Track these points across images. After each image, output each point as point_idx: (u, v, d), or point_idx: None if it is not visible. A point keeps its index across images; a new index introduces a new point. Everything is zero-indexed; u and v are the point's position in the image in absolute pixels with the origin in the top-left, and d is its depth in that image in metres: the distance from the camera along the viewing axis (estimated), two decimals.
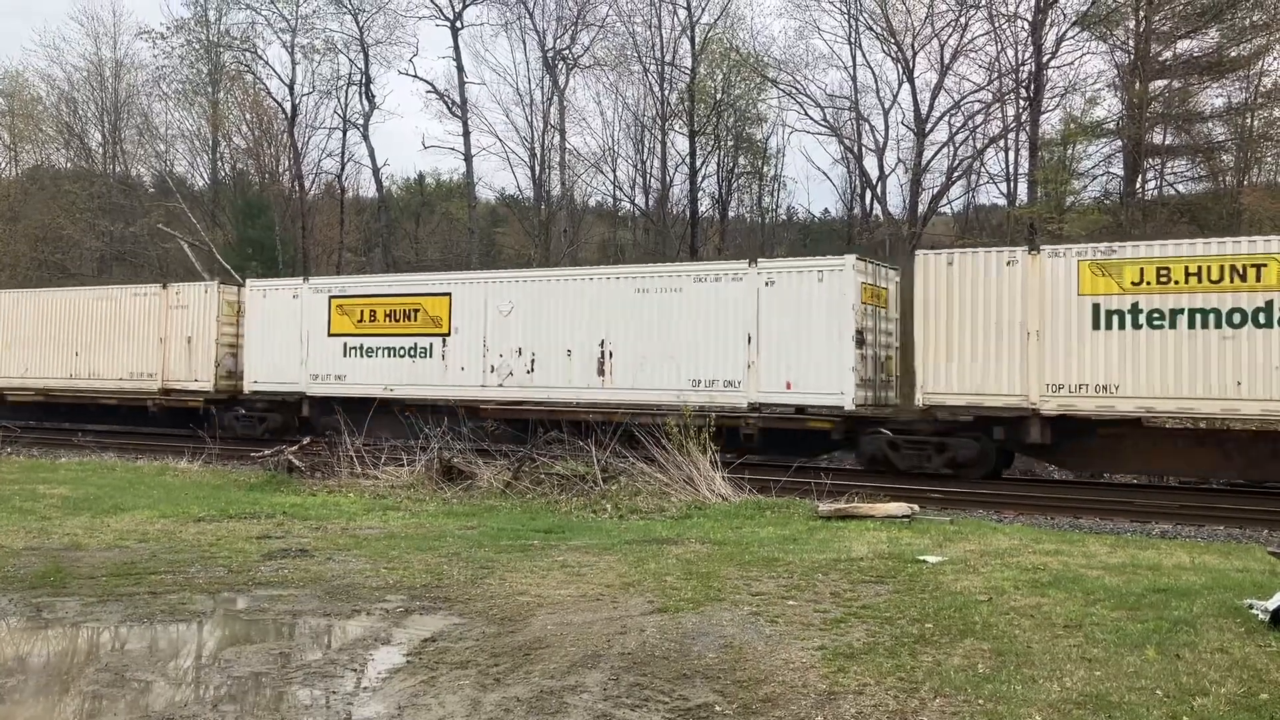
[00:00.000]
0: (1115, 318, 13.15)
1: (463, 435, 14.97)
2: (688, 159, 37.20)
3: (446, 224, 47.33)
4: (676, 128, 38.06)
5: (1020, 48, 31.76)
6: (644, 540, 9.24)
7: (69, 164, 44.03)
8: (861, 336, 14.71)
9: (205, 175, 44.34)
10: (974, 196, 36.77)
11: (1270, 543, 10.16)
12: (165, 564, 8.10)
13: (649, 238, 39.62)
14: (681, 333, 15.73)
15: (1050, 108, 31.57)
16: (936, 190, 34.37)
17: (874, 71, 44.53)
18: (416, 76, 56.11)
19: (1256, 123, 29.50)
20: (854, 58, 35.39)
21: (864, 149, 35.89)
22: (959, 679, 5.02)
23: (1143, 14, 28.73)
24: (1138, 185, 29.66)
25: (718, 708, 4.71)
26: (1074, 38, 30.64)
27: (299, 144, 41.13)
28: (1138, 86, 28.41)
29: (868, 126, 35.78)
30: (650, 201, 40.14)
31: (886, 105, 35.46)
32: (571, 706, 4.73)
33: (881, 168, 35.50)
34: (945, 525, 10.21)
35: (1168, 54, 29.20)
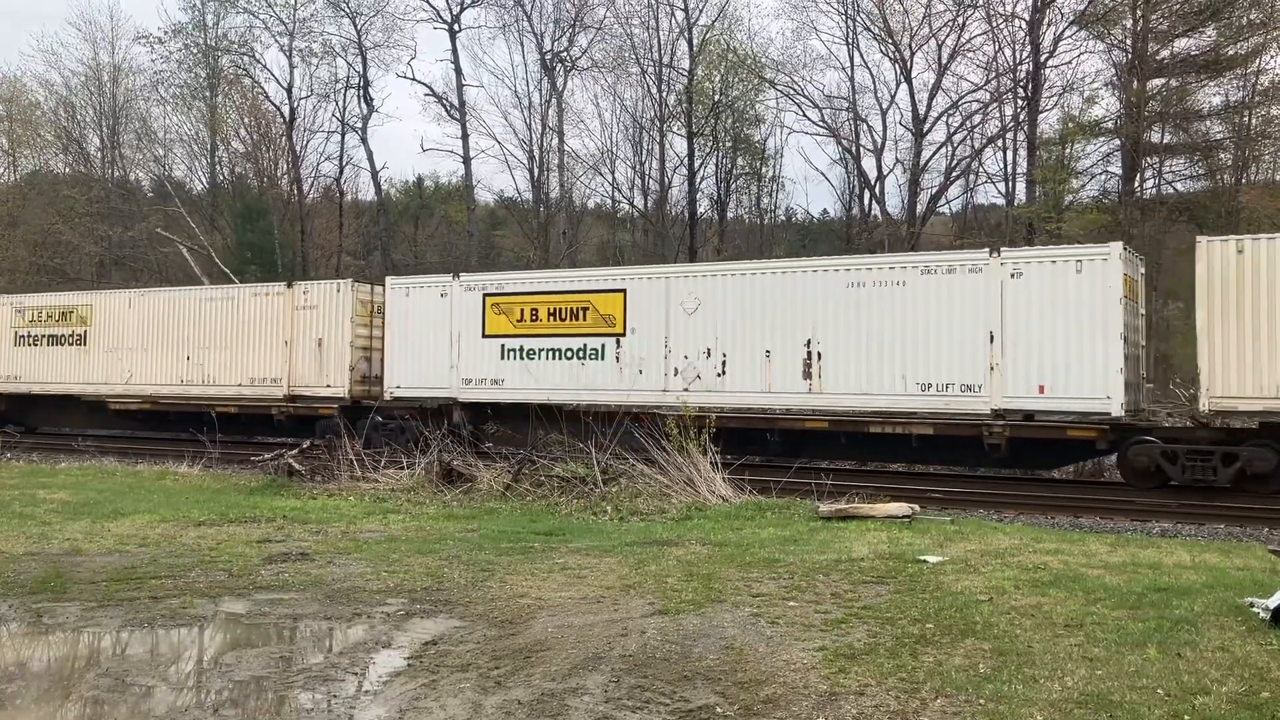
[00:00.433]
0: None
1: (636, 445, 13.61)
2: (686, 160, 37.24)
3: (445, 227, 47.35)
4: (675, 129, 38.13)
5: (1018, 47, 31.84)
6: (644, 542, 9.24)
7: (67, 169, 44.04)
8: (1124, 334, 13.38)
9: (204, 179, 44.42)
10: (972, 196, 36.83)
11: (1271, 541, 10.16)
12: (165, 568, 8.10)
13: (648, 239, 39.65)
14: (905, 331, 14.19)
15: (1048, 107, 31.64)
16: (935, 190, 34.44)
17: (872, 72, 44.89)
18: (415, 79, 55.97)
19: (1254, 121, 29.54)
20: (852, 58, 35.46)
21: (862, 149, 35.93)
22: (960, 679, 5.02)
23: (1140, 13, 28.76)
24: (1136, 184, 29.68)
25: (719, 709, 4.71)
26: (1071, 37, 30.74)
27: (297, 147, 41.18)
28: (1135, 85, 28.45)
29: (866, 127, 35.84)
30: (649, 203, 40.19)
31: (884, 105, 35.54)
32: (573, 709, 4.73)
33: (880, 168, 35.55)
34: (946, 525, 10.21)
35: (1165, 53, 29.23)
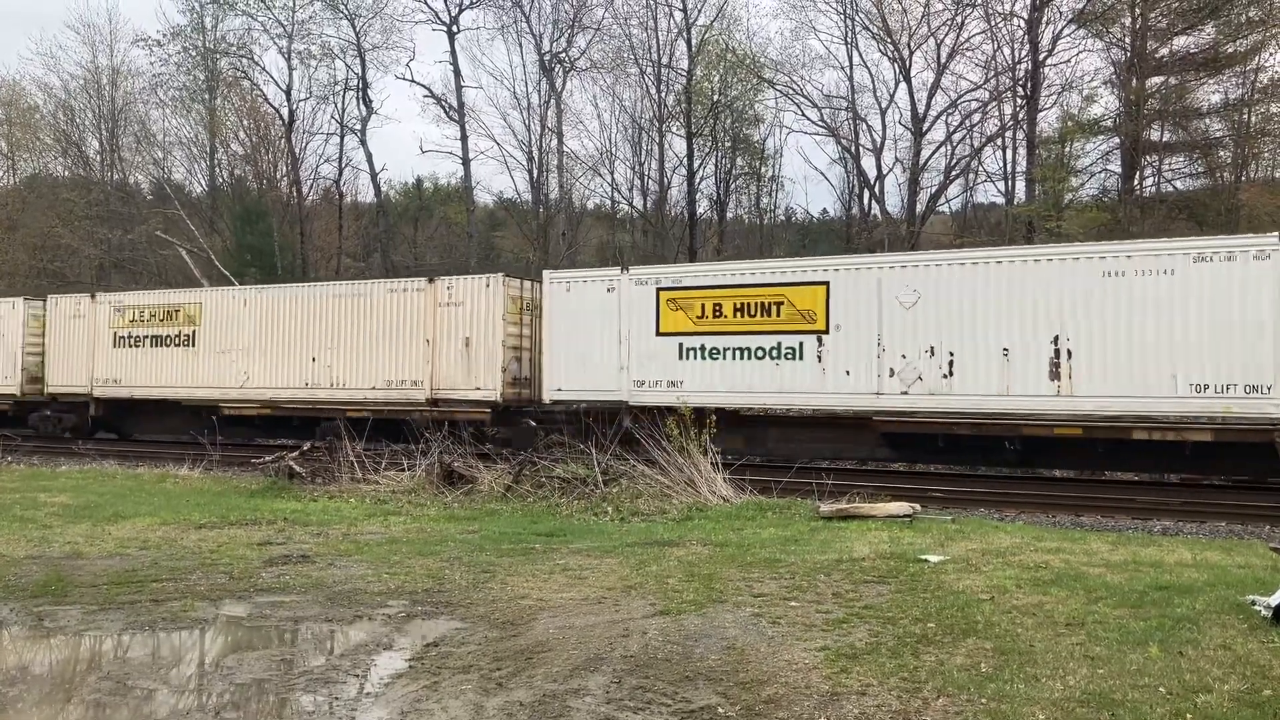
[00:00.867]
0: None
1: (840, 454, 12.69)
2: (685, 160, 37.27)
3: (445, 228, 47.38)
4: (674, 129, 38.16)
5: (1017, 46, 31.89)
6: (645, 542, 9.24)
7: (67, 172, 44.11)
8: None
9: (203, 182, 44.47)
10: (972, 195, 36.90)
11: (1272, 539, 10.16)
12: (166, 571, 8.09)
13: (647, 240, 39.66)
14: (1174, 326, 12.88)
15: (1047, 105, 31.70)
16: (934, 189, 34.49)
17: (870, 71, 44.81)
18: (414, 81, 56.11)
19: (1254, 118, 29.56)
20: (850, 58, 35.53)
21: (861, 149, 35.98)
22: (962, 678, 5.01)
23: (1139, 10, 28.78)
24: (1135, 182, 29.70)
25: (721, 709, 4.71)
26: (1070, 35, 30.77)
27: (296, 149, 41.24)
28: (1135, 83, 28.47)
29: (865, 126, 35.89)
30: (648, 203, 40.20)
31: (884, 105, 35.60)
32: (574, 710, 4.73)
33: (879, 167, 35.59)
34: (947, 524, 10.21)
35: (1164, 50, 29.27)
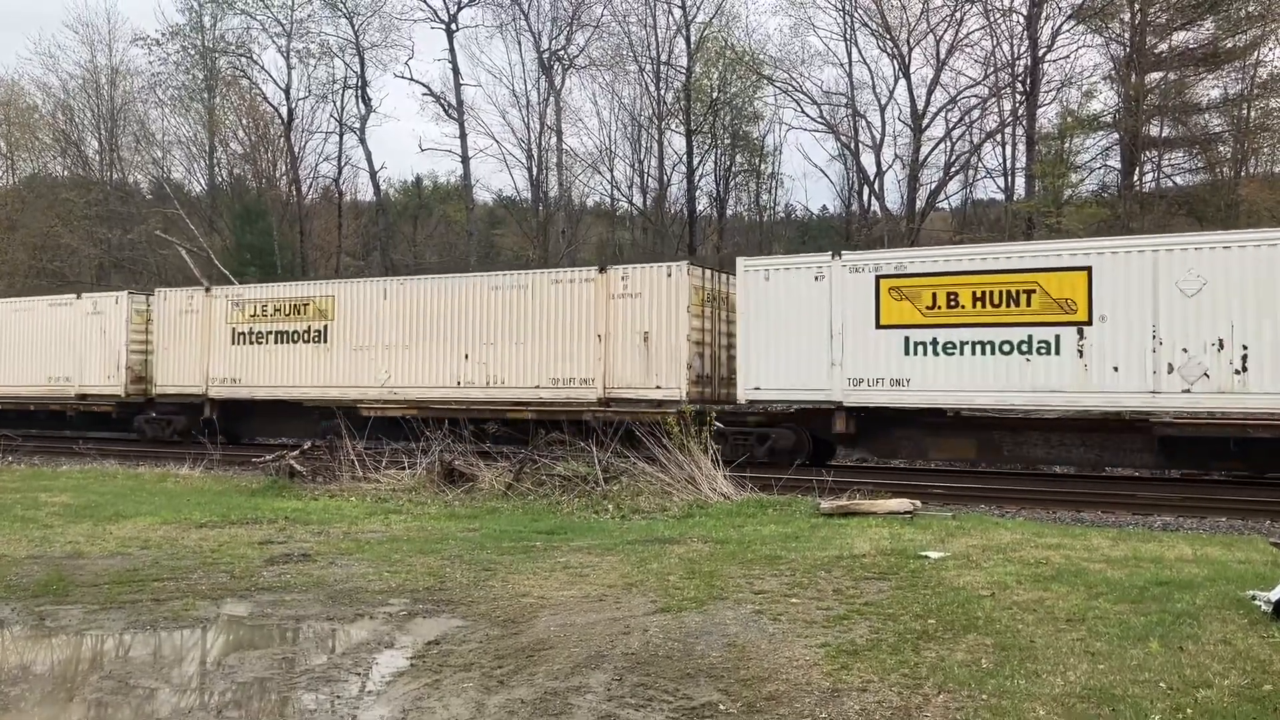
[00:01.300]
0: None
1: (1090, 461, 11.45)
2: (685, 158, 37.27)
3: (444, 226, 47.38)
4: (673, 127, 38.14)
5: (1016, 42, 31.88)
6: (646, 540, 9.24)
7: (66, 172, 44.11)
8: None
9: (202, 181, 44.48)
10: (971, 191, 36.91)
11: (1272, 534, 10.16)
12: (167, 570, 8.10)
13: (647, 237, 39.65)
14: None
15: (1047, 101, 31.70)
16: (934, 186, 34.50)
17: (870, 68, 44.80)
18: (412, 79, 56.05)
19: (1253, 114, 29.54)
20: (850, 54, 35.52)
21: (861, 145, 35.98)
22: (962, 674, 5.02)
23: (1138, 6, 28.76)
24: (1135, 178, 29.70)
25: (722, 706, 4.71)
26: (1070, 31, 30.76)
27: (296, 148, 41.25)
28: (1134, 79, 28.46)
29: (864, 123, 35.89)
30: (648, 201, 40.20)
31: (883, 101, 35.58)
32: (575, 707, 4.73)
33: (879, 164, 35.59)
34: (947, 521, 10.21)
35: (1164, 46, 29.26)
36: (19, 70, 79.98)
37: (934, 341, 14.16)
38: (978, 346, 13.92)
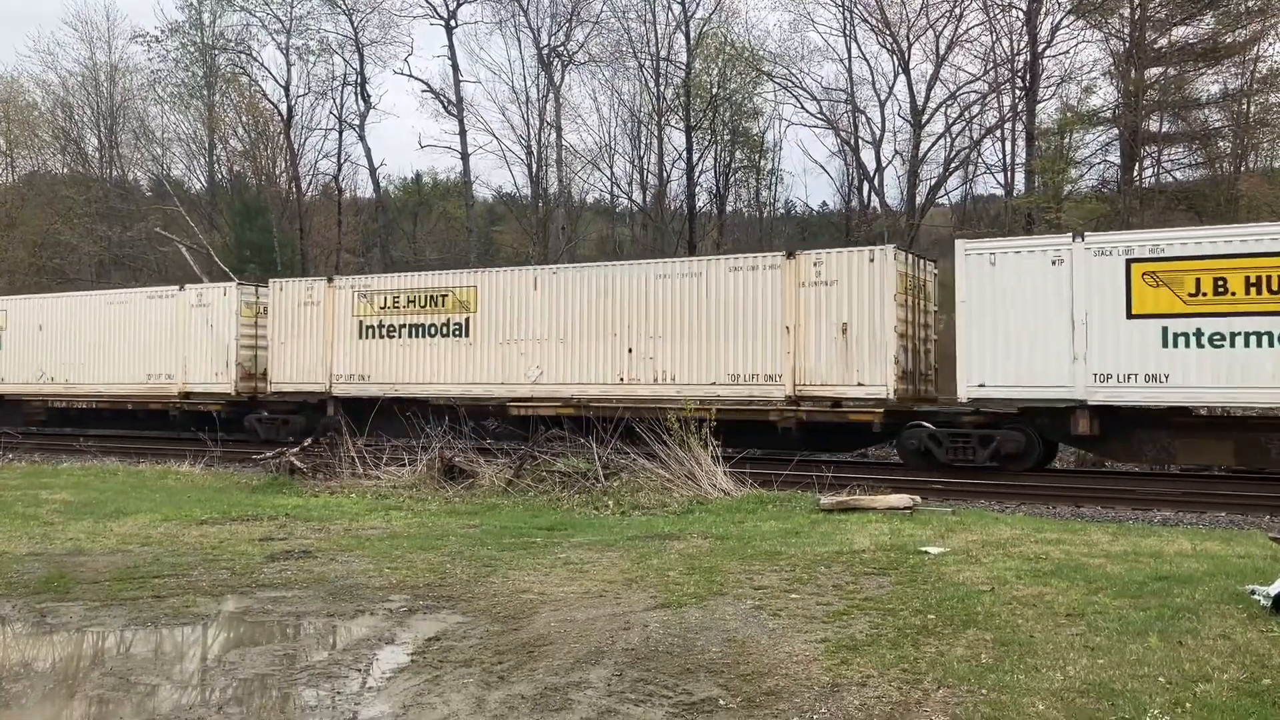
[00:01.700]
0: None
1: None
2: (684, 154, 37.25)
3: (444, 223, 47.33)
4: (673, 123, 38.09)
5: (1016, 37, 31.83)
6: (646, 536, 9.25)
7: (65, 169, 44.08)
8: None
9: (202, 178, 44.48)
10: (971, 187, 36.88)
11: (1272, 528, 10.16)
12: (168, 567, 8.11)
13: (647, 234, 39.63)
14: None
15: (1046, 97, 31.66)
16: (934, 181, 34.46)
17: (869, 63, 44.56)
18: (412, 76, 56.25)
19: (1253, 109, 29.53)
20: (849, 50, 35.47)
21: (861, 141, 35.94)
22: (962, 669, 5.03)
23: (1138, 1, 28.72)
24: (1135, 173, 29.68)
25: (721, 701, 4.72)
26: (1069, 26, 30.71)
27: (295, 145, 41.20)
28: (1134, 74, 28.44)
29: (864, 119, 35.85)
30: (648, 197, 40.18)
31: (883, 97, 35.55)
32: (576, 703, 4.74)
33: (879, 160, 35.56)
34: (947, 516, 10.22)
35: (1163, 41, 29.24)
36: (18, 67, 79.53)
37: (1198, 332, 12.76)
38: (1252, 338, 12.51)
